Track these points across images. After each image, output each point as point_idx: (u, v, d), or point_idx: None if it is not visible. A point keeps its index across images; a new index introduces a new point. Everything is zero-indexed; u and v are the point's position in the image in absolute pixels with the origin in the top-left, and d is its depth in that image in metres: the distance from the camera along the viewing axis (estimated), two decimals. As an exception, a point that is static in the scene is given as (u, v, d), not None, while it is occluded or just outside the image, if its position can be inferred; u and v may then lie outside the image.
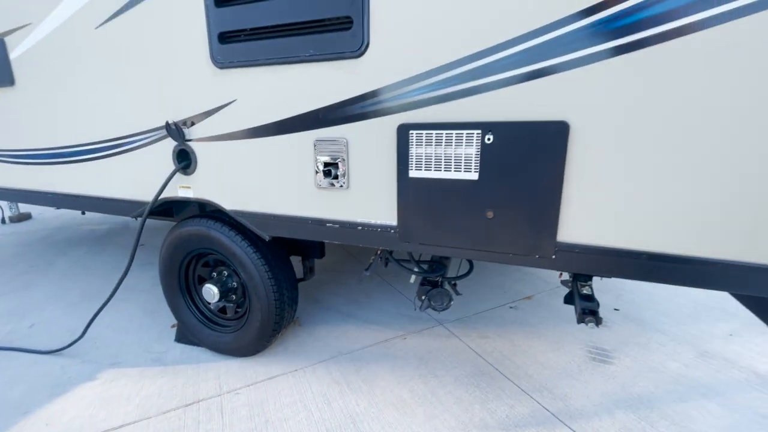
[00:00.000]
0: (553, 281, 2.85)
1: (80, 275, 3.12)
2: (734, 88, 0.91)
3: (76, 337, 2.00)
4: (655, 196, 1.05)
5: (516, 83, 1.09)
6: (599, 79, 1.02)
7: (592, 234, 1.14)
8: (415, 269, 1.69)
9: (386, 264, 1.77)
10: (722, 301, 2.54)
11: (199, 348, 2.06)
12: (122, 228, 4.42)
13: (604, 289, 2.72)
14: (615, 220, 1.10)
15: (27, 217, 4.91)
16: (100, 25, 1.66)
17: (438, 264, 1.70)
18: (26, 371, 1.92)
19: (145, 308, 2.50)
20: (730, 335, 2.17)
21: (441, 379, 1.82)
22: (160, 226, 3.70)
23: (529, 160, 1.13)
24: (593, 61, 1.02)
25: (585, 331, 2.23)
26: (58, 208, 3.98)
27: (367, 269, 1.76)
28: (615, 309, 2.47)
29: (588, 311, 1.28)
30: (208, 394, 1.73)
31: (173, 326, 2.23)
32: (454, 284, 1.74)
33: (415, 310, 1.79)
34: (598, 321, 1.25)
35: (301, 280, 2.06)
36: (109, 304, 1.92)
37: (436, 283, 1.63)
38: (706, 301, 2.54)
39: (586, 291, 1.39)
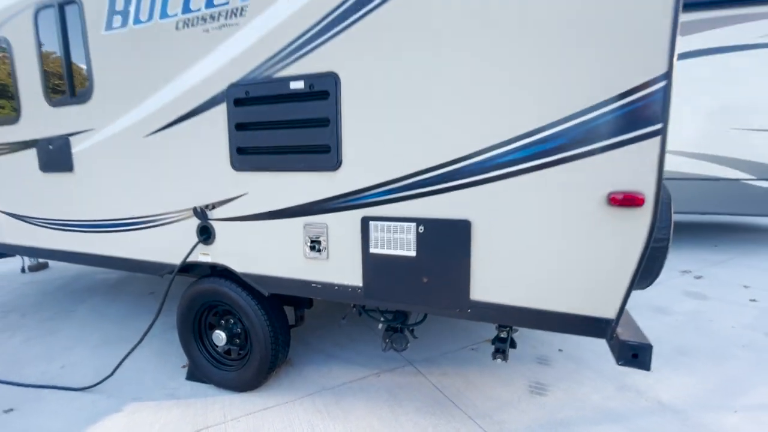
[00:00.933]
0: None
1: (98, 321, 3.54)
2: (560, 212, 1.47)
3: (103, 376, 2.43)
4: (527, 272, 1.58)
5: (436, 194, 1.66)
6: (490, 194, 1.58)
7: (493, 295, 1.65)
8: (381, 318, 2.17)
9: (360, 314, 2.25)
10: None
11: (207, 384, 2.47)
12: (130, 277, 4.87)
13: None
14: (506, 285, 1.62)
15: (44, 266, 5.36)
16: (149, 134, 2.26)
17: (400, 314, 2.18)
18: (64, 406, 2.32)
19: (159, 351, 2.91)
20: (648, 371, 2.61)
21: (405, 409, 2.24)
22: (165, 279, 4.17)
23: (447, 244, 1.66)
24: (484, 183, 1.58)
25: (531, 369, 2.66)
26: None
27: (343, 317, 2.24)
28: (559, 350, 2.92)
29: (498, 350, 1.76)
30: (215, 422, 2.14)
31: (184, 366, 2.65)
32: (412, 330, 2.22)
33: (383, 350, 2.23)
34: (505, 357, 1.73)
35: (293, 326, 2.52)
36: (124, 348, 2.37)
37: (396, 329, 2.11)
38: (637, 342, 3.00)
39: (502, 335, 1.88)
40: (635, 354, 1.52)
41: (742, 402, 2.27)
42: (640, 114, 1.34)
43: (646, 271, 2.20)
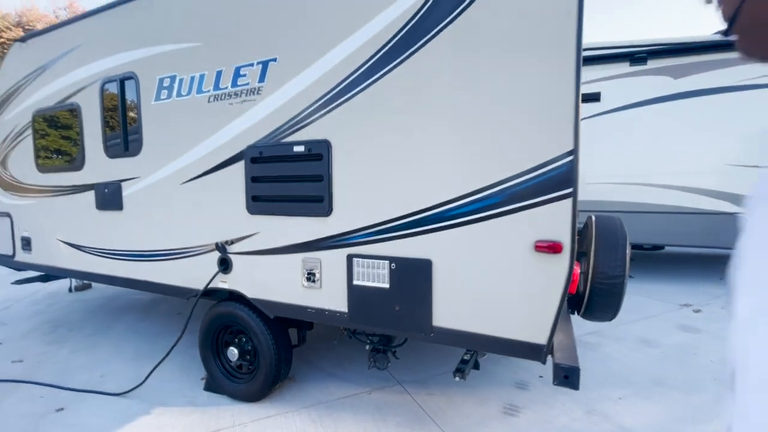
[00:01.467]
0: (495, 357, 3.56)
1: (132, 337, 4.04)
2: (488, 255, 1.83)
3: (135, 384, 2.87)
4: (476, 303, 1.92)
5: (405, 238, 2.05)
6: (447, 239, 1.96)
7: (451, 322, 2.00)
8: (367, 340, 2.53)
9: (350, 336, 2.62)
10: (626, 371, 3.19)
11: (220, 395, 2.87)
12: (160, 299, 5.41)
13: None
14: (460, 314, 1.97)
15: (88, 286, 6.01)
16: (184, 182, 2.79)
17: (384, 337, 2.53)
18: (103, 407, 2.77)
19: (182, 365, 3.35)
20: (619, 398, 2.81)
21: (387, 423, 2.54)
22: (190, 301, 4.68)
23: (413, 279, 2.04)
24: (442, 230, 1.97)
25: (509, 392, 2.91)
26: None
27: (335, 340, 2.61)
28: (540, 376, 3.15)
29: (458, 370, 2.08)
30: (225, 426, 2.52)
31: (202, 378, 3.06)
32: (394, 351, 2.55)
33: (368, 368, 2.57)
34: (463, 376, 2.04)
35: (295, 346, 2.91)
36: (150, 362, 2.82)
37: (379, 350, 2.46)
38: (615, 370, 3.19)
39: (465, 357, 2.20)
40: (566, 375, 1.81)
41: (698, 430, 2.45)
42: (555, 180, 1.71)
43: (606, 306, 2.50)
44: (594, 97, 5.89)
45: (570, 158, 1.68)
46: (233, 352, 2.78)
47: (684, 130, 5.49)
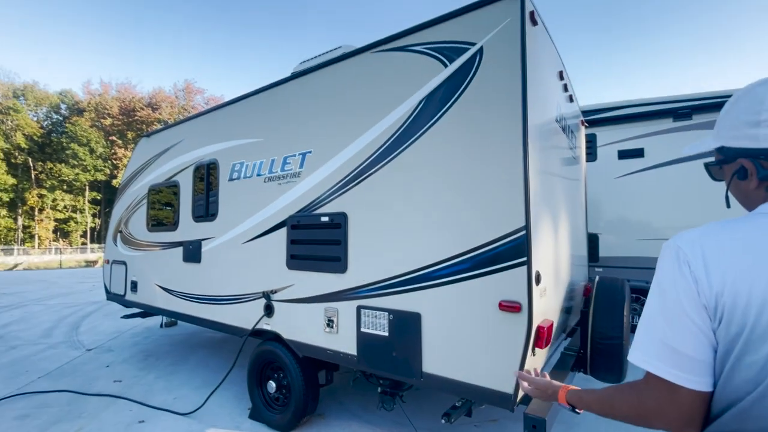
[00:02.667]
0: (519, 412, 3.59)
1: (202, 369, 4.81)
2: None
3: (197, 407, 3.52)
4: (455, 352, 2.25)
5: (401, 293, 2.49)
6: (432, 296, 2.36)
7: (437, 369, 2.33)
8: (379, 383, 2.89)
9: (367, 378, 3.01)
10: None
11: (260, 423, 3.38)
12: (228, 338, 6.25)
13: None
14: (444, 362, 2.30)
15: (174, 324, 7.15)
16: (244, 242, 3.57)
17: (394, 381, 2.88)
18: (172, 423, 3.43)
19: (236, 395, 3.95)
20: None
21: (395, 463, 2.81)
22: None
23: (407, 329, 2.43)
24: (428, 288, 2.37)
25: (520, 450, 2.98)
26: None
27: (353, 381, 3.02)
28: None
29: (447, 413, 2.34)
30: (259, 449, 3.00)
31: (249, 408, 3.61)
32: (401, 395, 2.87)
33: (377, 408, 2.90)
34: (449, 420, 2.30)
35: (323, 385, 3.35)
36: (217, 391, 3.44)
37: (387, 392, 2.81)
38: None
39: (457, 403, 2.46)
40: (534, 425, 2.02)
41: None
42: (512, 250, 2.06)
43: (607, 365, 2.63)
44: (637, 153, 5.89)
45: (523, 233, 2.03)
46: (272, 385, 3.31)
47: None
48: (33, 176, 42.15)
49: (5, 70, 50.54)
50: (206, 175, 4.07)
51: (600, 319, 2.71)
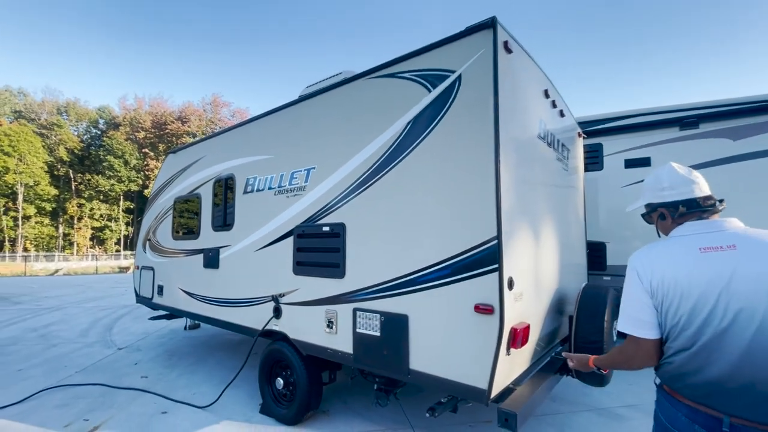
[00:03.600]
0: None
1: (220, 368, 5.16)
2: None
3: (212, 401, 3.84)
4: (438, 351, 2.46)
5: (390, 297, 2.73)
6: (418, 299, 2.58)
7: (422, 366, 2.54)
8: (375, 380, 3.12)
9: (364, 377, 3.24)
10: None
11: (269, 417, 3.66)
12: (245, 339, 6.61)
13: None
14: (428, 359, 2.51)
15: (197, 326, 7.59)
16: (257, 250, 3.90)
17: (389, 380, 3.10)
18: (191, 415, 3.76)
19: (248, 392, 4.26)
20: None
21: (389, 456, 3.01)
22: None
23: (396, 329, 2.67)
24: (415, 292, 2.60)
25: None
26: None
27: (351, 378, 3.26)
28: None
29: (432, 408, 2.55)
30: (267, 440, 3.27)
31: (260, 404, 3.90)
32: (395, 393, 3.09)
33: (373, 404, 3.12)
34: (433, 414, 2.50)
35: (326, 383, 3.60)
36: (230, 389, 3.75)
37: (382, 389, 3.03)
38: None
39: (443, 399, 2.66)
40: (506, 419, 2.20)
41: None
42: (486, 258, 2.27)
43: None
44: (644, 162, 5.91)
45: (494, 242, 2.24)
46: (280, 382, 3.60)
47: (746, 193, 5.16)
48: (73, 187, 44.92)
49: (50, 89, 54.31)
50: (224, 188, 4.45)
51: (582, 324, 2.85)
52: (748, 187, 5.17)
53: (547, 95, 3.21)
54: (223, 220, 4.43)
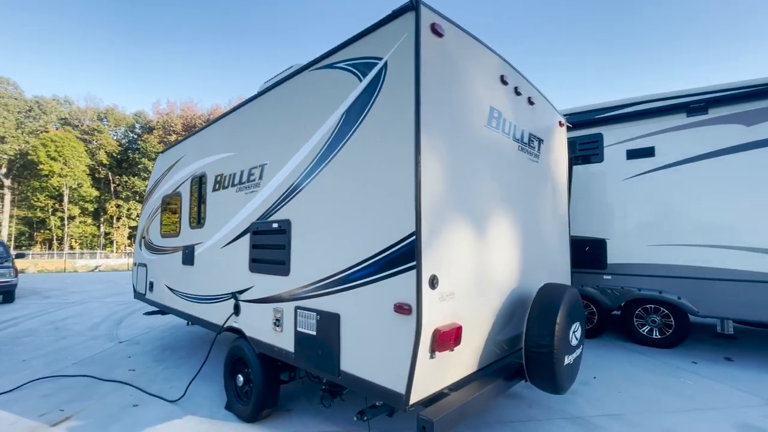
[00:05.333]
0: (487, 416, 3.53)
1: (205, 365, 5.25)
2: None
3: (181, 396, 3.90)
4: (363, 352, 2.35)
5: (325, 295, 2.64)
6: (347, 297, 2.48)
7: (351, 367, 2.44)
8: (321, 381, 3.04)
9: (310, 377, 3.18)
10: None
11: (232, 414, 3.67)
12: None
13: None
14: (355, 361, 2.41)
15: (199, 321, 7.81)
16: (222, 247, 3.91)
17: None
18: (161, 408, 3.83)
19: (220, 388, 4.31)
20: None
21: (335, 458, 2.93)
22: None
23: (329, 328, 2.58)
24: (345, 290, 2.50)
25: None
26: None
27: (301, 377, 3.20)
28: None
29: (360, 411, 2.44)
30: (221, 436, 3.28)
31: (226, 401, 3.93)
32: (341, 393, 3.00)
33: (319, 404, 3.05)
34: (361, 418, 2.40)
35: (285, 382, 3.56)
36: (195, 389, 3.79)
37: (326, 389, 2.95)
38: None
39: (378, 403, 2.54)
40: (424, 426, 2.06)
41: None
42: (404, 256, 2.14)
43: (539, 374, 2.60)
44: (647, 153, 5.49)
45: (412, 238, 2.11)
46: (240, 379, 3.60)
47: (764, 183, 4.66)
48: (112, 189, 47.69)
49: (92, 97, 57.79)
50: (198, 186, 4.51)
51: (532, 326, 2.64)
52: (765, 177, 4.68)
53: (504, 81, 3.00)
54: (198, 218, 4.49)
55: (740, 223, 4.78)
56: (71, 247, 44.37)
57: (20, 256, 11.79)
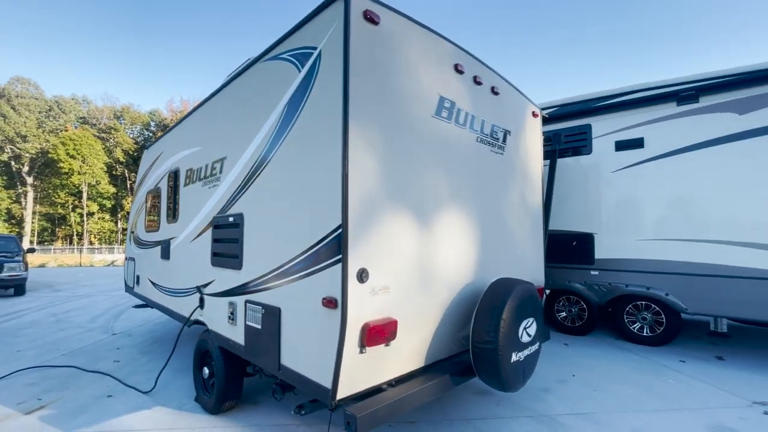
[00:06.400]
0: (451, 413, 3.48)
1: (185, 357, 5.34)
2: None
3: (152, 387, 3.98)
4: (299, 347, 2.33)
5: (268, 290, 2.62)
6: (284, 291, 2.46)
7: (289, 362, 2.43)
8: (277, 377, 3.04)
9: (263, 372, 3.17)
10: None
11: (200, 407, 3.72)
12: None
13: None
14: (292, 355, 2.39)
15: (193, 315, 7.95)
16: (191, 241, 3.95)
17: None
18: (134, 399, 3.90)
19: (191, 382, 4.37)
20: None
21: (287, 451, 2.93)
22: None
23: (272, 322, 2.56)
24: (284, 285, 2.48)
25: (418, 453, 2.92)
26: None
27: (254, 373, 3.22)
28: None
29: (298, 405, 2.42)
30: (182, 426, 3.31)
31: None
32: (293, 388, 2.98)
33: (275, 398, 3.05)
34: (299, 412, 2.38)
35: (250, 375, 3.58)
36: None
37: (278, 383, 2.94)
38: None
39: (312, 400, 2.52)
40: (348, 422, 2.03)
41: None
42: (332, 249, 2.10)
43: (485, 370, 2.54)
44: (636, 144, 5.29)
45: (339, 231, 2.07)
46: (206, 371, 3.63)
47: (759, 172, 4.43)
48: (128, 185, 48.93)
49: (108, 95, 59.31)
50: (174, 181, 4.56)
51: (477, 322, 2.57)
52: (759, 167, 4.46)
53: (459, 70, 2.92)
54: (173, 213, 4.54)
55: (732, 216, 4.56)
56: (90, 243, 45.82)
57: (31, 251, 12.22)
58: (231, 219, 3.16)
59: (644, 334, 5.56)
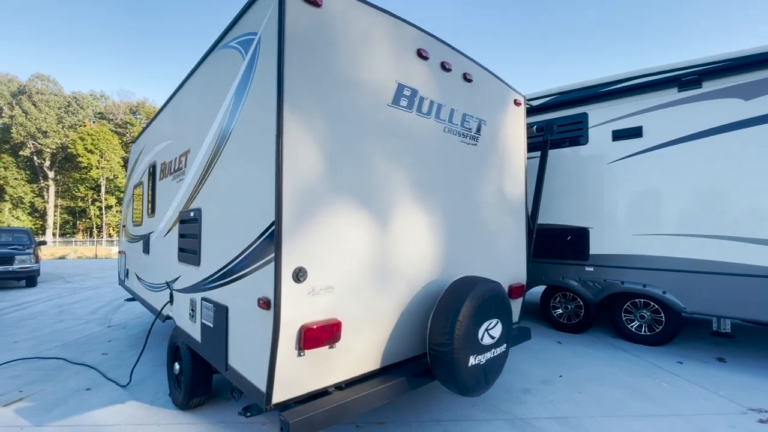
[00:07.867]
0: (424, 413, 3.37)
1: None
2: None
3: (128, 382, 3.99)
4: (241, 348, 2.24)
5: (219, 287, 2.54)
6: (232, 291, 2.38)
7: (235, 363, 2.35)
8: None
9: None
10: None
11: (171, 402, 3.70)
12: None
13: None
14: (237, 356, 2.31)
15: (189, 308, 8.03)
16: (164, 236, 3.91)
17: (251, 372, 2.94)
18: (112, 392, 3.92)
19: (163, 378, 4.37)
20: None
21: (247, 451, 2.88)
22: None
23: (221, 321, 2.48)
24: (228, 283, 2.39)
25: (380, 456, 2.83)
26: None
27: (215, 372, 3.16)
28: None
29: (245, 407, 2.34)
30: (151, 422, 3.29)
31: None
32: (254, 386, 2.92)
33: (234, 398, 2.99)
34: (246, 413, 2.30)
35: (217, 372, 3.53)
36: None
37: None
38: None
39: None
40: (282, 428, 1.94)
41: None
42: (266, 248, 1.99)
43: (442, 374, 2.42)
44: (634, 133, 5.00)
45: (273, 228, 1.95)
46: (176, 367, 3.61)
47: (765, 163, 4.12)
48: (145, 179, 50.13)
49: (125, 91, 60.45)
50: (153, 175, 4.53)
51: (434, 323, 2.43)
52: (766, 156, 4.14)
53: (423, 56, 2.74)
54: (152, 207, 4.52)
55: (735, 211, 4.26)
56: (109, 235, 47.20)
57: (42, 243, 12.57)
58: (192, 214, 3.09)
59: (642, 332, 5.31)
